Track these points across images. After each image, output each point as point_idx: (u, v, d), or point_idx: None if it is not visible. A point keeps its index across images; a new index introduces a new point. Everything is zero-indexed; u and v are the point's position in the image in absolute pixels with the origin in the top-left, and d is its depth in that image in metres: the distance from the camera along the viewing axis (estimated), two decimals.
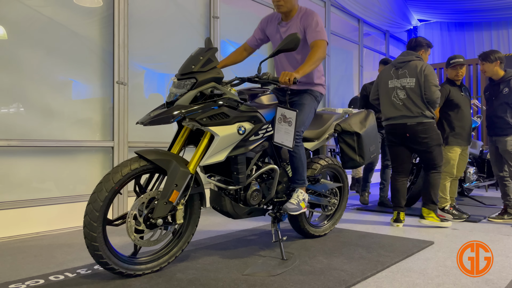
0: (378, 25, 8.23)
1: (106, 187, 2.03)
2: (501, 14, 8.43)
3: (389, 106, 3.82)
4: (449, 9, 8.66)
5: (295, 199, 2.70)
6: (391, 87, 3.83)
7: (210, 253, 2.75)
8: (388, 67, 3.95)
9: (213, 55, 2.35)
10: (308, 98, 2.83)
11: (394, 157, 3.90)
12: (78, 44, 3.67)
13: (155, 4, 4.30)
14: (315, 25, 2.68)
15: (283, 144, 2.53)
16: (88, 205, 2.02)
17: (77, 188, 3.65)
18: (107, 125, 3.86)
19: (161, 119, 2.15)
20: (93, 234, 2.00)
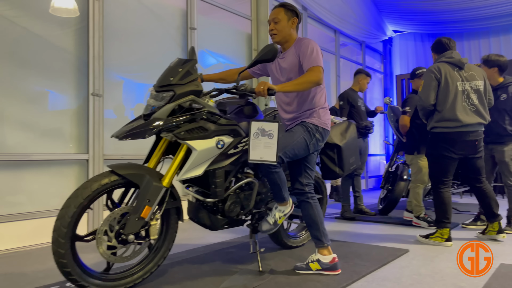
0: (354, 36, 8.39)
1: (74, 203, 1.99)
2: (472, 25, 8.72)
3: (460, 111, 3.36)
4: (422, 21, 8.91)
5: (271, 218, 2.61)
6: (460, 89, 3.41)
7: (187, 267, 2.72)
8: (448, 67, 3.46)
9: (192, 67, 2.34)
10: (298, 128, 2.58)
11: (449, 171, 3.45)
12: (53, 55, 3.62)
13: (132, 15, 4.28)
14: (310, 52, 2.49)
15: (263, 160, 2.36)
16: (56, 222, 1.98)
17: (50, 202, 3.56)
18: (82, 137, 3.80)
19: (138, 133, 2.11)
20: (61, 251, 1.95)
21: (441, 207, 3.45)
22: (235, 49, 5.70)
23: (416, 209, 4.24)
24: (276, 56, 2.38)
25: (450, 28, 9.07)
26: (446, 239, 3.41)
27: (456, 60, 3.46)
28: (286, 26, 2.60)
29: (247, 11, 5.88)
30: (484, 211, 3.57)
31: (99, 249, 2.06)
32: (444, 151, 3.41)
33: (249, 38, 5.93)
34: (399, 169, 5.00)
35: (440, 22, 8.84)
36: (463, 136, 3.37)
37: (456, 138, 3.37)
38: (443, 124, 3.40)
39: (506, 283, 2.39)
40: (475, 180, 3.53)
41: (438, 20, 8.71)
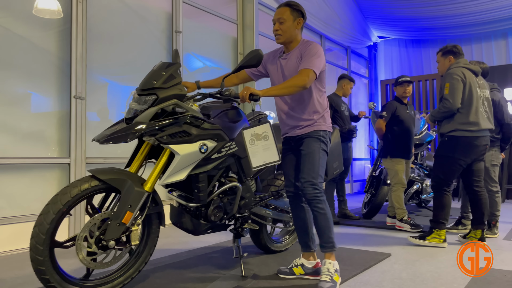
0: (340, 41, 8.47)
1: (53, 209, 1.95)
2: (455, 32, 8.90)
3: (480, 116, 3.48)
4: (406, 27, 9.06)
5: (326, 275, 2.36)
6: (479, 95, 3.54)
7: (169, 272, 2.70)
8: (469, 72, 3.56)
9: (175, 71, 2.32)
10: (312, 143, 2.50)
11: (455, 175, 3.54)
12: (36, 57, 3.57)
13: (117, 17, 4.25)
14: (309, 55, 2.41)
15: (266, 163, 2.37)
16: (34, 228, 1.94)
17: (31, 207, 3.50)
18: (64, 140, 3.75)
19: (119, 137, 2.09)
20: (39, 258, 1.91)
21: (442, 208, 3.55)
22: (221, 53, 5.70)
23: (399, 212, 4.29)
24: (260, 62, 2.38)
25: (434, 35, 9.24)
26: (443, 240, 3.52)
27: (473, 67, 3.60)
28: (291, 26, 2.50)
29: (233, 15, 5.89)
30: (473, 216, 3.64)
31: (79, 256, 2.03)
32: (462, 155, 3.48)
33: (235, 42, 5.94)
34: (383, 174, 5.06)
35: (424, 29, 8.99)
36: (480, 140, 3.48)
37: (475, 142, 3.46)
38: (466, 127, 3.46)
39: (485, 286, 2.43)
40: (475, 181, 3.62)
41: (422, 26, 8.87)
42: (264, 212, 2.94)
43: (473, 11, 7.90)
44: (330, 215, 2.47)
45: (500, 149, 4.17)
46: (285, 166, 2.69)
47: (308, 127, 2.53)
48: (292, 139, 2.61)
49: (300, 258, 2.61)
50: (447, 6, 7.83)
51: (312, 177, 2.42)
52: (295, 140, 2.59)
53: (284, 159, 2.69)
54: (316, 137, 2.51)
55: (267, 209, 2.98)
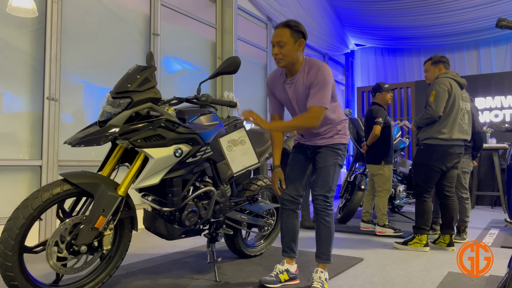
0: (318, 48, 8.59)
1: (23, 213, 1.90)
2: (430, 42, 9.16)
3: (458, 127, 3.60)
4: (382, 36, 9.26)
5: (318, 282, 2.41)
6: (461, 107, 3.65)
7: (141, 277, 2.66)
8: (454, 84, 3.65)
9: (151, 74, 2.31)
10: (329, 157, 2.50)
11: (433, 181, 3.65)
12: (9, 56, 3.48)
13: (93, 17, 4.19)
14: (318, 86, 2.32)
15: (246, 166, 2.41)
16: (3, 233, 1.89)
17: (0, 210, 3.41)
18: (36, 142, 3.66)
19: (92, 140, 2.06)
20: (8, 264, 1.87)
21: (423, 215, 3.65)
22: (200, 56, 5.69)
23: (383, 218, 4.34)
24: (238, 69, 2.40)
25: (409, 44, 9.48)
26: (424, 245, 3.62)
27: (460, 80, 3.69)
28: (293, 49, 2.35)
29: (212, 19, 5.90)
30: (442, 221, 3.74)
31: (49, 261, 1.98)
32: (437, 163, 3.59)
33: (214, 46, 5.94)
34: (357, 179, 5.14)
35: (400, 38, 9.22)
36: (453, 149, 3.58)
37: (448, 150, 3.57)
38: (440, 136, 3.58)
39: None
40: (447, 187, 3.71)
41: (398, 35, 9.08)
42: (239, 217, 2.95)
43: (447, 22, 8.15)
44: (334, 229, 2.52)
45: (471, 157, 4.29)
46: (292, 170, 2.64)
47: (328, 139, 2.53)
48: (310, 147, 2.60)
49: (284, 264, 2.61)
50: (423, 16, 8.06)
51: (326, 191, 2.46)
52: (313, 149, 2.58)
53: (293, 163, 2.65)
54: (335, 151, 2.52)
55: (242, 214, 2.99)
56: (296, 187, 2.61)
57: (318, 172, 2.51)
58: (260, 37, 6.89)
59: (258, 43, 6.79)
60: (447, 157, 3.59)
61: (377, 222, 4.38)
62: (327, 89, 2.34)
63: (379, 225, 4.36)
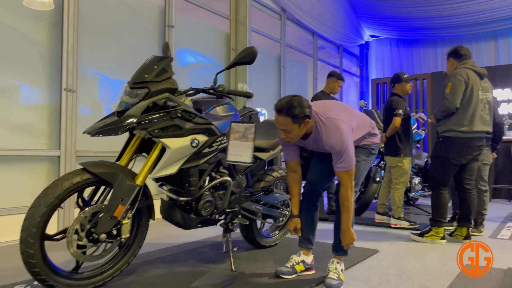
0: (332, 39, 8.51)
1: (44, 202, 1.94)
2: (446, 32, 8.99)
3: (477, 119, 3.51)
4: (398, 27, 9.13)
5: (334, 273, 2.40)
6: (480, 98, 3.56)
7: (158, 266, 2.70)
8: (473, 74, 3.57)
9: (168, 64, 2.32)
10: (362, 154, 2.54)
11: (451, 174, 3.59)
12: (27, 48, 3.53)
13: (109, 10, 4.22)
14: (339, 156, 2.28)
15: (238, 161, 2.40)
16: (25, 221, 1.93)
17: (20, 199, 3.47)
18: (54, 133, 3.72)
19: (110, 130, 2.08)
20: (30, 251, 1.91)
21: (439, 207, 3.61)
22: (214, 48, 5.69)
23: (398, 211, 4.31)
24: (254, 59, 2.40)
25: (425, 35, 9.32)
26: (441, 238, 3.58)
27: (479, 69, 3.60)
28: (299, 131, 2.29)
29: (226, 11, 5.88)
30: (460, 214, 3.70)
31: (69, 249, 2.02)
32: (455, 155, 3.53)
33: (228, 37, 5.93)
34: (372, 171, 5.10)
35: (416, 29, 9.07)
36: (474, 141, 3.52)
37: (468, 143, 3.50)
38: (459, 128, 3.51)
39: (469, 283, 2.48)
40: (467, 180, 3.66)
41: (414, 26, 8.94)
42: (254, 208, 2.96)
43: (465, 12, 7.99)
44: (353, 223, 2.50)
45: (491, 148, 4.23)
46: (318, 162, 2.62)
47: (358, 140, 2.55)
48: None
49: (300, 255, 2.61)
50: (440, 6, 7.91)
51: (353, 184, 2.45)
52: None
53: (320, 155, 2.63)
54: (367, 149, 2.56)
55: (257, 205, 3.00)
56: (320, 180, 2.60)
57: None
58: (274, 28, 6.85)
59: (272, 35, 6.76)
60: (467, 150, 3.53)
61: (392, 214, 4.35)
62: (349, 150, 2.28)
63: (394, 218, 4.33)
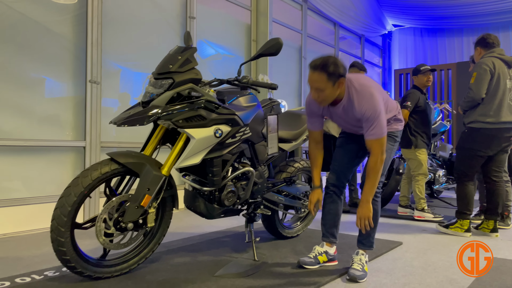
0: (354, 29, 8.37)
1: (74, 191, 1.99)
2: (472, 21, 8.72)
3: (505, 109, 3.42)
4: (422, 16, 8.90)
5: (358, 264, 2.40)
6: (508, 87, 3.47)
7: (182, 254, 2.74)
8: (500, 63, 3.48)
9: (191, 55, 2.33)
10: (388, 141, 2.46)
11: (475, 167, 3.52)
12: (51, 41, 3.60)
13: (131, 2, 4.26)
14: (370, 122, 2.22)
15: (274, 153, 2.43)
16: (56, 210, 1.98)
17: (46, 189, 3.57)
18: (79, 124, 3.80)
19: (136, 120, 2.11)
20: (61, 239, 1.96)
21: (464, 199, 3.55)
22: (234, 40, 5.68)
23: (420, 202, 4.26)
24: (279, 51, 2.38)
25: (450, 24, 9.07)
26: (465, 230, 3.53)
27: (507, 57, 3.52)
28: (332, 92, 2.22)
29: (247, 2, 5.85)
30: (487, 207, 3.62)
31: (98, 238, 2.07)
32: (481, 147, 3.45)
33: (249, 28, 5.91)
34: (395, 163, 5.03)
35: (440, 17, 8.83)
36: (502, 132, 3.43)
37: (495, 134, 3.42)
38: (485, 119, 3.43)
39: (497, 276, 2.43)
40: (495, 172, 3.58)
41: (438, 15, 8.71)
42: (276, 198, 2.96)
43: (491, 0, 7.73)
44: (379, 216, 2.48)
45: None
46: (341, 155, 2.57)
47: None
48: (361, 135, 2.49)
49: (323, 246, 2.60)
50: None
51: None
52: None
53: (342, 147, 2.58)
54: (390, 136, 2.48)
55: (279, 195, 3.00)
56: (343, 172, 2.57)
57: None
58: (295, 19, 6.78)
59: (293, 25, 6.69)
60: (494, 142, 3.44)
61: (416, 206, 4.30)
62: (381, 118, 2.22)
63: (418, 210, 4.28)
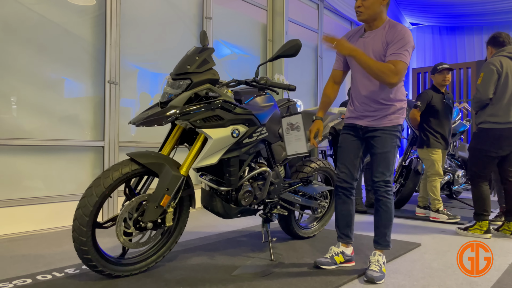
0: None
1: (96, 192, 2.01)
2: (492, 19, 8.54)
3: None
4: (440, 13, 8.76)
5: (376, 265, 2.36)
6: None
7: (199, 253, 2.76)
8: (509, 61, 3.43)
9: (209, 55, 2.34)
10: (388, 141, 2.38)
11: (488, 167, 3.48)
12: (70, 43, 3.66)
13: (148, 3, 4.30)
14: (400, 42, 2.20)
15: (298, 153, 2.43)
16: (78, 210, 2.01)
17: (66, 188, 3.63)
18: (98, 124, 3.85)
19: (154, 120, 2.14)
20: (83, 238, 1.99)
21: (480, 200, 3.51)
22: (250, 40, 5.69)
23: (435, 203, 4.21)
24: (298, 52, 2.37)
25: (469, 22, 8.90)
26: (485, 231, 3.48)
27: None
28: (376, 2, 2.25)
29: (263, 1, 5.85)
30: (506, 208, 3.55)
31: (119, 238, 2.10)
32: (492, 148, 3.41)
33: (264, 28, 5.90)
34: (413, 163, 4.97)
35: (459, 15, 8.67)
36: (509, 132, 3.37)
37: (506, 134, 3.38)
38: (495, 119, 3.40)
39: None
40: (510, 172, 3.51)
41: (457, 13, 8.55)
42: (293, 198, 2.96)
43: None
44: (394, 214, 2.46)
45: None
46: (345, 154, 2.52)
47: (385, 119, 2.38)
48: (363, 128, 2.44)
49: (340, 246, 2.58)
50: None
51: (387, 176, 2.39)
52: (366, 130, 2.43)
53: (345, 146, 2.53)
54: (392, 133, 2.39)
55: (295, 195, 2.99)
56: (350, 171, 2.53)
57: (378, 158, 2.40)
58: (311, 18, 6.75)
59: (309, 24, 6.67)
60: (505, 141, 3.38)
61: (431, 207, 4.25)
62: (409, 48, 2.21)
63: (433, 211, 4.23)
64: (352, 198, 2.59)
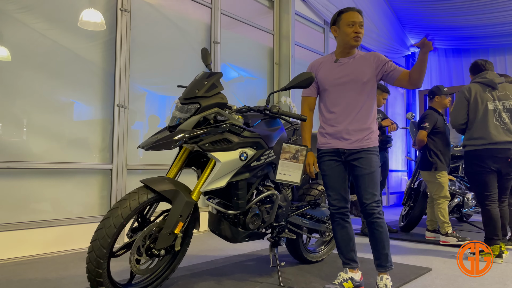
0: (376, 51, 8.36)
1: (115, 223, 1.98)
2: (498, 41, 8.59)
3: (493, 130, 3.51)
4: (447, 36, 8.84)
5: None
6: (491, 109, 3.56)
7: (205, 278, 2.72)
8: (479, 87, 3.62)
9: (217, 80, 2.38)
10: (373, 161, 2.43)
11: (489, 184, 3.53)
12: (81, 67, 3.74)
13: (157, 28, 4.39)
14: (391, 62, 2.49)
15: (287, 180, 2.43)
16: (95, 242, 1.97)
17: (74, 210, 3.64)
18: (107, 147, 3.89)
19: (163, 144, 2.15)
20: (99, 270, 1.96)
21: (490, 223, 3.51)
22: (257, 63, 5.76)
23: (444, 226, 4.14)
24: (310, 85, 2.42)
25: (475, 44, 8.96)
26: (496, 256, 3.43)
27: (488, 80, 3.61)
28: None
29: (269, 26, 5.95)
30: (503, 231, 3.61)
31: (133, 267, 2.07)
32: (477, 166, 3.55)
33: (271, 52, 5.99)
34: (422, 186, 4.92)
35: (465, 38, 8.74)
36: (493, 152, 3.50)
37: (486, 154, 3.52)
38: (472, 142, 3.59)
39: None
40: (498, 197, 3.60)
41: (463, 35, 8.62)
42: (301, 222, 2.93)
43: None
44: (387, 232, 2.45)
45: None
46: (334, 180, 2.51)
47: (367, 141, 2.44)
48: (346, 152, 2.46)
49: (348, 272, 2.53)
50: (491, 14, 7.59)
51: (377, 196, 2.42)
52: (350, 154, 2.45)
53: (331, 172, 2.52)
54: (375, 154, 2.46)
55: (303, 219, 2.96)
56: (342, 196, 2.52)
57: (366, 178, 2.39)
58: (317, 41, 6.84)
59: (315, 48, 6.75)
60: (488, 161, 3.50)
61: (440, 231, 4.18)
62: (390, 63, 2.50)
63: (442, 234, 4.15)
64: (349, 220, 2.58)
